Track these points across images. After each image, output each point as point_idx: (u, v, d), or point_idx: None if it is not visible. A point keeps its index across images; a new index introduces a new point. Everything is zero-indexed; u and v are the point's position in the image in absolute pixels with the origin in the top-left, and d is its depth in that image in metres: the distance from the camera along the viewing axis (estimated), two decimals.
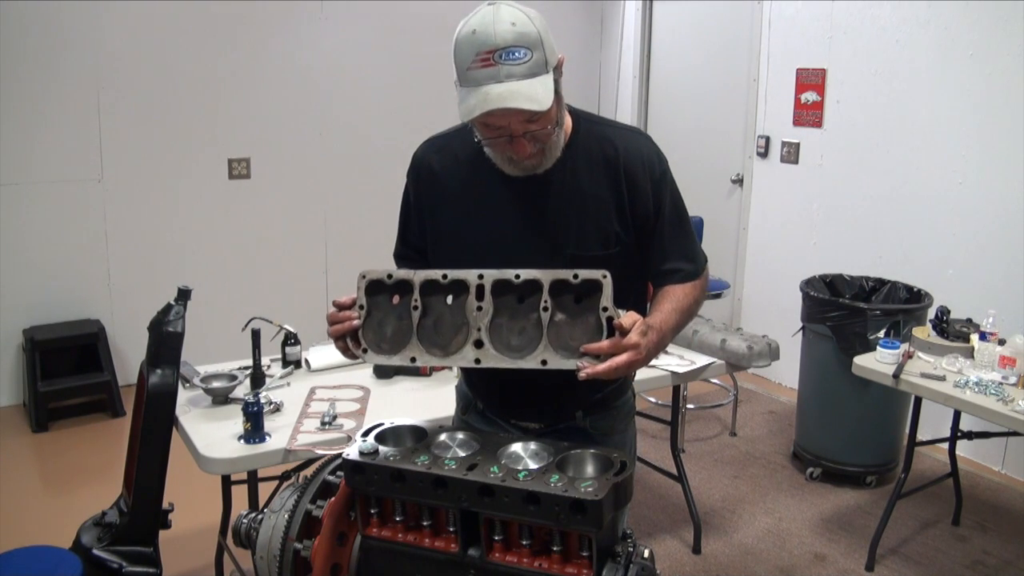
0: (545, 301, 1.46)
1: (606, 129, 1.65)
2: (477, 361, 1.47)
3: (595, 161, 1.60)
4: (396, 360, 1.51)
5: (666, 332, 1.56)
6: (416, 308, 1.51)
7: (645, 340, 1.43)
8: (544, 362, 1.44)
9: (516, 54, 1.41)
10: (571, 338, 1.45)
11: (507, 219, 1.61)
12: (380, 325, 1.54)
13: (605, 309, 1.43)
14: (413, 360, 1.51)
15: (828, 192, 4.51)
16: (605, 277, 1.44)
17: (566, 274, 1.45)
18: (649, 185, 1.61)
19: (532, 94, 1.42)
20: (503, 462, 1.37)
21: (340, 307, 1.54)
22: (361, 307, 1.53)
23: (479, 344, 1.48)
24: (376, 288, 1.54)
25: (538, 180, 1.59)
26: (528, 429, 1.70)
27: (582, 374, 1.40)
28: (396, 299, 1.54)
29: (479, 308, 1.48)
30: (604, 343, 1.41)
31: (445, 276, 1.50)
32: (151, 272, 4.54)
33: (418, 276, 1.52)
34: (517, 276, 1.47)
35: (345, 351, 1.54)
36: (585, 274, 1.45)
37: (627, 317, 1.43)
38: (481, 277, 1.49)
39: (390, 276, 1.53)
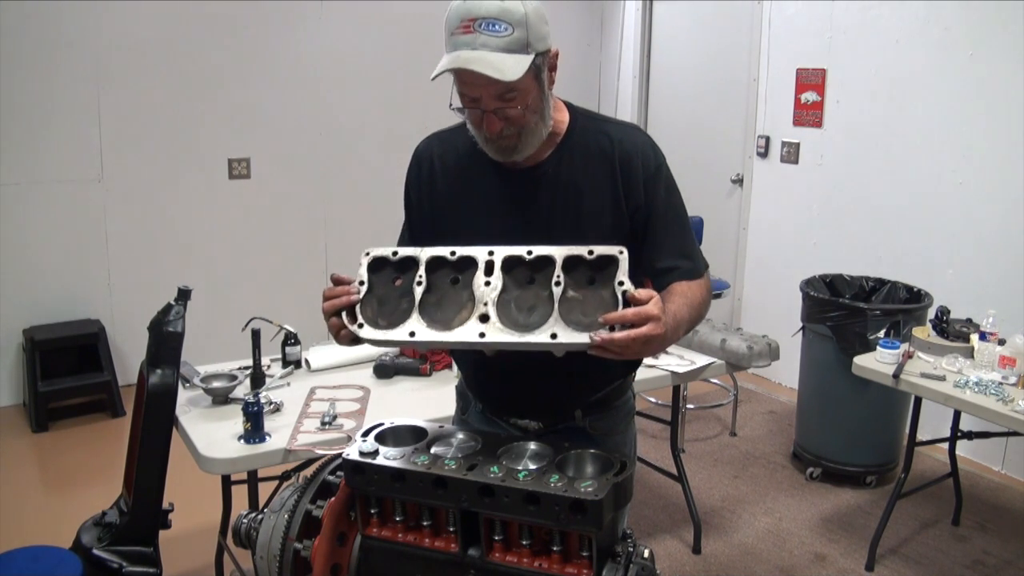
0: (557, 276, 1.40)
1: (602, 124, 1.65)
2: (481, 335, 1.38)
3: (591, 155, 1.60)
4: (393, 335, 1.42)
5: (680, 321, 1.51)
6: (420, 283, 1.45)
7: (664, 316, 1.37)
8: (554, 336, 1.35)
9: (496, 27, 1.42)
10: (583, 313, 1.38)
11: (504, 213, 1.61)
12: (380, 303, 1.47)
13: (621, 283, 1.37)
14: (412, 335, 1.41)
15: (828, 192, 4.51)
16: (622, 253, 1.39)
17: (580, 250, 1.41)
18: (643, 177, 1.60)
19: (498, 64, 1.42)
20: (503, 462, 1.37)
21: (338, 282, 1.48)
22: (362, 283, 1.46)
23: (484, 319, 1.39)
24: (379, 266, 1.49)
25: (535, 173, 1.59)
26: (528, 429, 1.70)
27: (597, 337, 1.32)
28: (399, 282, 1.48)
29: (487, 283, 1.42)
30: (628, 311, 1.33)
31: (453, 253, 1.46)
32: (151, 272, 4.54)
33: (425, 252, 1.47)
34: (529, 252, 1.43)
35: (339, 329, 1.46)
36: (601, 250, 1.40)
37: (643, 290, 1.37)
38: (491, 253, 1.44)
39: (395, 253, 1.48)
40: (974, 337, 2.98)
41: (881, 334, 3.35)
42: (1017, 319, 3.52)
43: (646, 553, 1.36)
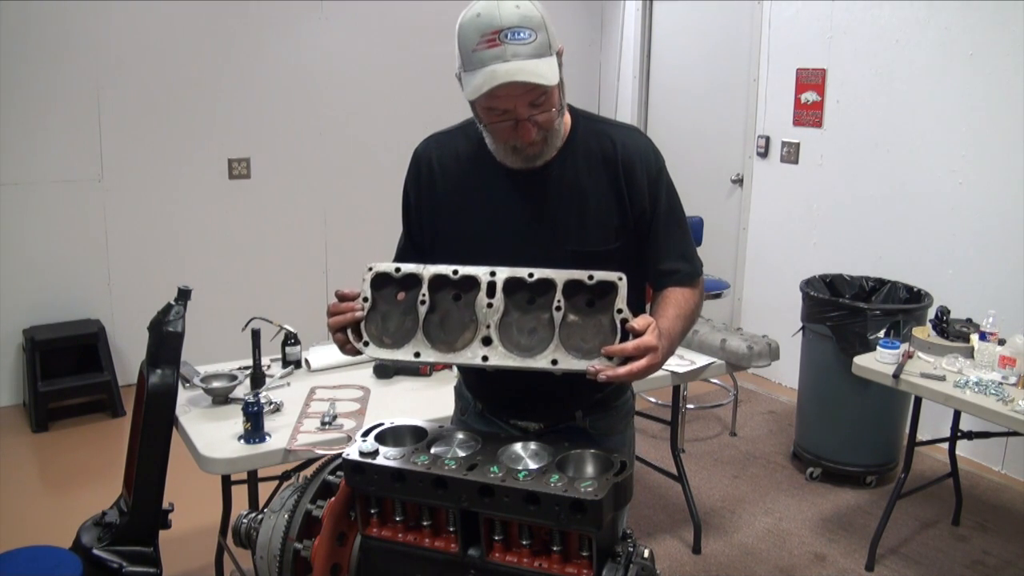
0: (558, 301, 1.42)
1: (604, 126, 1.65)
2: (485, 359, 1.42)
3: (594, 157, 1.61)
4: (399, 355, 1.46)
5: (674, 338, 1.55)
6: (423, 303, 1.47)
7: (661, 344, 1.42)
8: (555, 362, 1.40)
9: (521, 34, 1.41)
10: (583, 339, 1.42)
11: (507, 215, 1.61)
12: (384, 319, 1.49)
13: (620, 311, 1.40)
14: (417, 355, 1.45)
15: (828, 192, 4.51)
16: (621, 280, 1.41)
17: (581, 275, 1.43)
18: (646, 181, 1.61)
19: (539, 71, 1.42)
20: (503, 462, 1.37)
21: (342, 298, 1.49)
22: (365, 299, 1.48)
23: (487, 341, 1.43)
24: (382, 282, 1.50)
25: (538, 176, 1.59)
26: (528, 430, 1.70)
27: (602, 376, 1.37)
28: (401, 295, 1.50)
29: (489, 305, 1.44)
30: (628, 345, 1.38)
31: (456, 272, 1.47)
32: (151, 272, 4.54)
33: (428, 271, 1.48)
34: (531, 275, 1.44)
35: (344, 344, 1.49)
36: (600, 275, 1.42)
37: (641, 319, 1.40)
38: (493, 274, 1.45)
39: (398, 270, 1.49)
40: (974, 337, 2.98)
41: (881, 334, 3.35)
42: (1017, 319, 3.53)
43: (646, 553, 1.36)
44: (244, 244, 4.86)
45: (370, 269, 1.50)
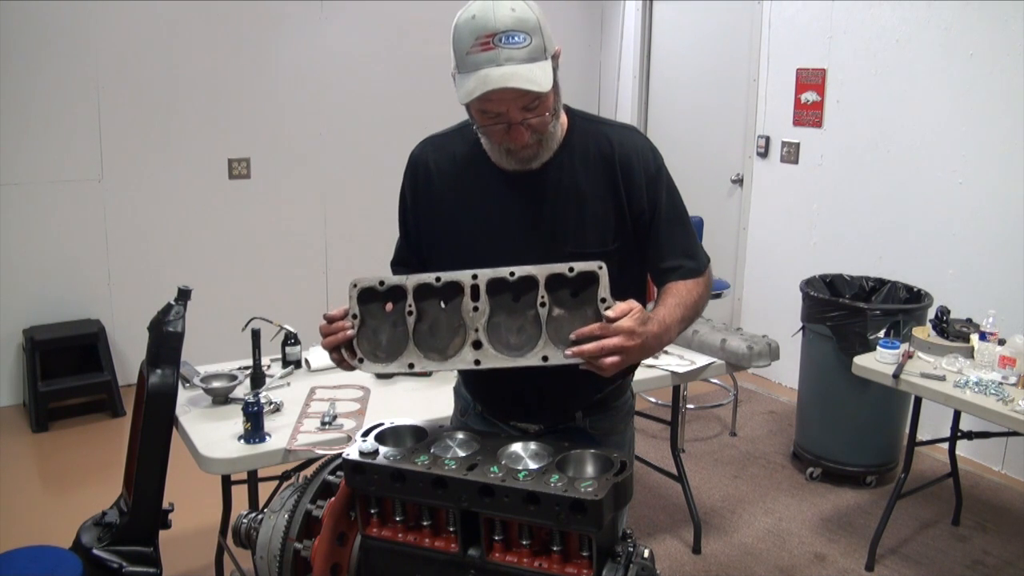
0: (542, 297, 1.43)
1: (601, 126, 1.65)
2: (477, 362, 1.44)
3: (591, 158, 1.60)
4: (394, 367, 1.48)
5: (670, 325, 1.54)
6: (411, 313, 1.48)
7: (643, 328, 1.42)
8: (545, 358, 1.42)
9: (515, 38, 1.41)
10: (571, 332, 1.42)
11: (505, 217, 1.61)
12: (375, 333, 1.51)
13: (603, 300, 1.41)
14: (411, 366, 1.47)
15: (828, 192, 4.51)
16: (601, 268, 1.42)
17: (561, 268, 1.44)
18: (644, 180, 1.60)
19: (532, 76, 1.42)
20: (503, 462, 1.37)
21: (331, 319, 1.51)
22: (354, 316, 1.50)
23: (477, 345, 1.45)
24: (368, 296, 1.51)
25: (536, 177, 1.59)
26: (528, 431, 1.70)
27: (568, 352, 1.39)
28: (389, 306, 1.52)
29: (475, 308, 1.46)
30: (594, 326, 1.40)
31: (438, 279, 1.48)
32: (151, 272, 4.55)
33: (411, 281, 1.49)
34: (512, 274, 1.45)
35: (341, 362, 1.52)
36: (581, 267, 1.43)
37: (619, 307, 1.41)
38: (475, 277, 1.46)
39: (382, 283, 1.50)
40: (974, 337, 2.98)
41: (881, 334, 3.35)
42: (1017, 319, 3.53)
43: (646, 553, 1.36)
44: (244, 244, 4.86)
45: (354, 286, 1.51)
